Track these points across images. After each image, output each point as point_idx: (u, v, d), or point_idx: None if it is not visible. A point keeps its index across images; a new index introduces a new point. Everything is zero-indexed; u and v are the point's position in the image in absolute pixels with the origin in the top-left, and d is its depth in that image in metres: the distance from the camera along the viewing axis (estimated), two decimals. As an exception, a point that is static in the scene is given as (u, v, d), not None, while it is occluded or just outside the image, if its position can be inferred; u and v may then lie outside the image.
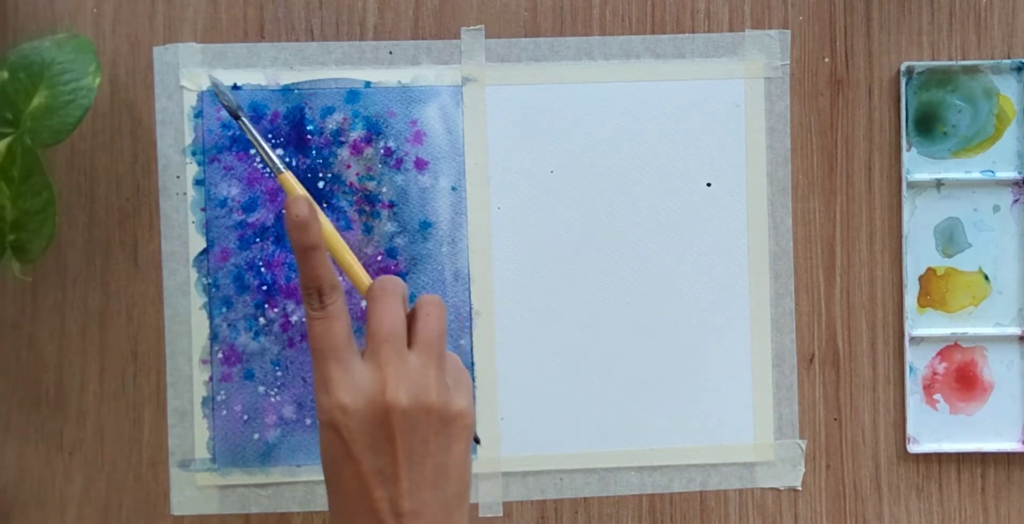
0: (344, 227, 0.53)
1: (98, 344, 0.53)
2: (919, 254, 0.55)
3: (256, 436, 0.53)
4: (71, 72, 0.47)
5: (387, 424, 0.38)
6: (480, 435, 0.54)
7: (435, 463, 0.39)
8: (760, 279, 0.54)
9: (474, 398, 0.41)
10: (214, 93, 0.47)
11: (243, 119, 0.45)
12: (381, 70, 0.54)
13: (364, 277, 0.44)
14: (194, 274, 0.53)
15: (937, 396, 0.55)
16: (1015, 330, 0.54)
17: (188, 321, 0.53)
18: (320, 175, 0.53)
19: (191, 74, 0.53)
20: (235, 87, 0.53)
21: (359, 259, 0.53)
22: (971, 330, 0.54)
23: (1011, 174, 0.54)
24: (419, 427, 0.39)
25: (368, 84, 0.54)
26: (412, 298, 0.53)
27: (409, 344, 0.41)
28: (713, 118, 0.54)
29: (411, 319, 0.42)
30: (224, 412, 0.53)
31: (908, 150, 0.54)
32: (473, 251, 0.54)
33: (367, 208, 0.53)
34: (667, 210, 0.54)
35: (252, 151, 0.53)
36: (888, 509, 0.55)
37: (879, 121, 0.55)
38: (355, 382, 0.39)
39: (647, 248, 0.54)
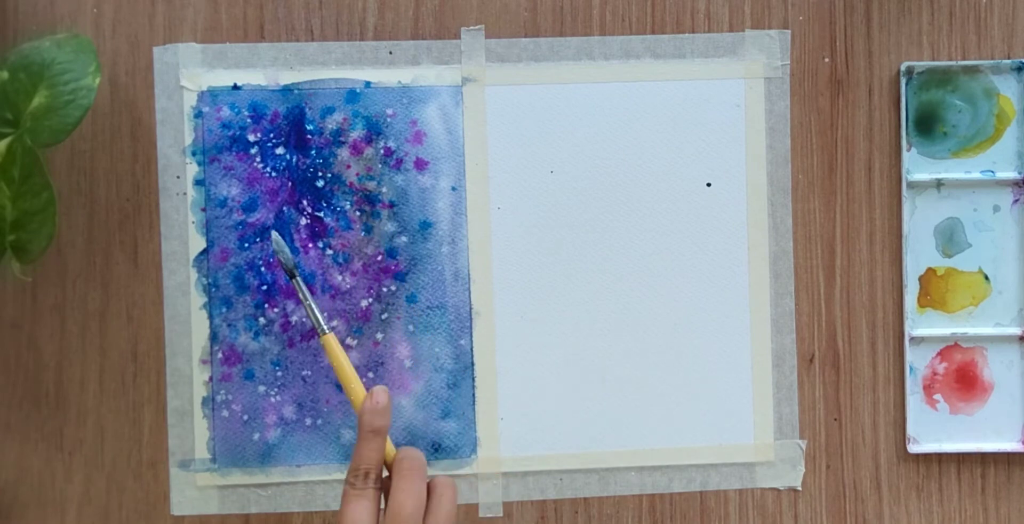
0: (344, 227, 0.53)
1: (98, 344, 0.53)
2: (919, 254, 0.55)
3: (256, 436, 0.53)
4: (71, 72, 0.47)
5: None
6: (480, 435, 0.54)
7: None
8: (760, 279, 0.54)
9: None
10: (273, 250, 0.50)
11: (297, 279, 0.49)
12: (381, 70, 0.54)
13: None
14: (194, 274, 0.53)
15: (937, 396, 0.55)
16: (1015, 330, 0.54)
17: (188, 321, 0.53)
18: (320, 175, 0.53)
19: (191, 74, 0.53)
20: (235, 87, 0.53)
21: (359, 259, 0.53)
22: (971, 330, 0.54)
23: (1011, 174, 0.54)
24: None
25: (368, 84, 0.53)
26: (413, 294, 0.53)
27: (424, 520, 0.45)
28: (713, 118, 0.54)
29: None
30: (224, 412, 0.53)
31: (908, 150, 0.54)
32: (473, 251, 0.54)
33: (367, 208, 0.53)
34: (667, 210, 0.54)
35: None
36: (888, 509, 0.55)
37: (879, 121, 0.55)
38: None
39: (647, 248, 0.54)
